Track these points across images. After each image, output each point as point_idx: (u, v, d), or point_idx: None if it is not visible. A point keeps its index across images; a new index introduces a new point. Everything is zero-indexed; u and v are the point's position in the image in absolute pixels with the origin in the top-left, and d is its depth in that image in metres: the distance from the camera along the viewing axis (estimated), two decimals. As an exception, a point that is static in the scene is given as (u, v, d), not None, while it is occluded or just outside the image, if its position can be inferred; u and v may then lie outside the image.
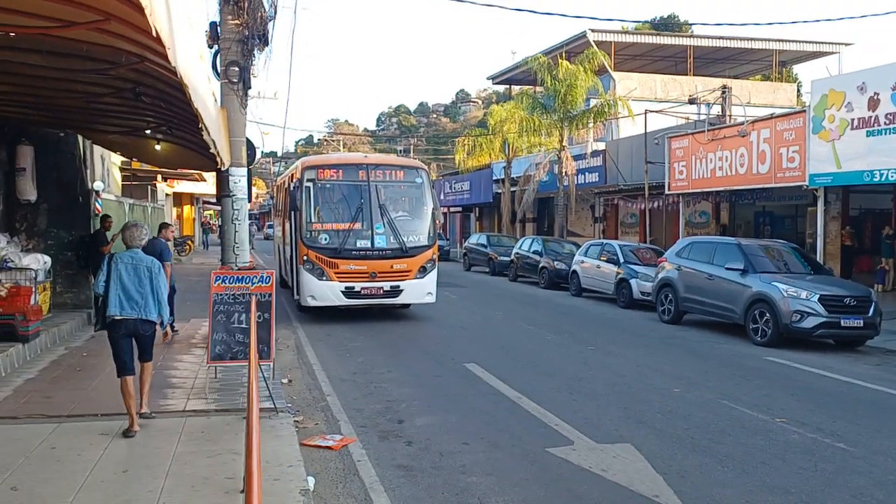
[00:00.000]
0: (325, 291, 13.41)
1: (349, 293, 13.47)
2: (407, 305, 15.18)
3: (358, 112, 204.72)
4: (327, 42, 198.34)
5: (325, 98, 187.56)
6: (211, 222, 52.02)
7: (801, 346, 12.01)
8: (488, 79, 45.24)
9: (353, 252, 13.47)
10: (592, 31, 32.22)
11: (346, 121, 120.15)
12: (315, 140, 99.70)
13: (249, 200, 10.46)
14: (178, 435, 6.22)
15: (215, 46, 10.28)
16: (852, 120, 15.38)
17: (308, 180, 13.71)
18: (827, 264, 17.28)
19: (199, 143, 8.93)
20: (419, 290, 14.02)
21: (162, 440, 6.08)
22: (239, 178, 9.85)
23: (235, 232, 9.84)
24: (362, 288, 13.51)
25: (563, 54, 30.42)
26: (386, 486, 5.53)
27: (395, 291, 13.78)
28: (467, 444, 6.57)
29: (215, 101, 8.00)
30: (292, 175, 15.87)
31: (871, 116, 14.92)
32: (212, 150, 7.61)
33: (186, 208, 38.51)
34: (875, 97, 14.82)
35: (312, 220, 13.64)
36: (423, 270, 14.01)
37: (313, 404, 7.91)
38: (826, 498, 5.45)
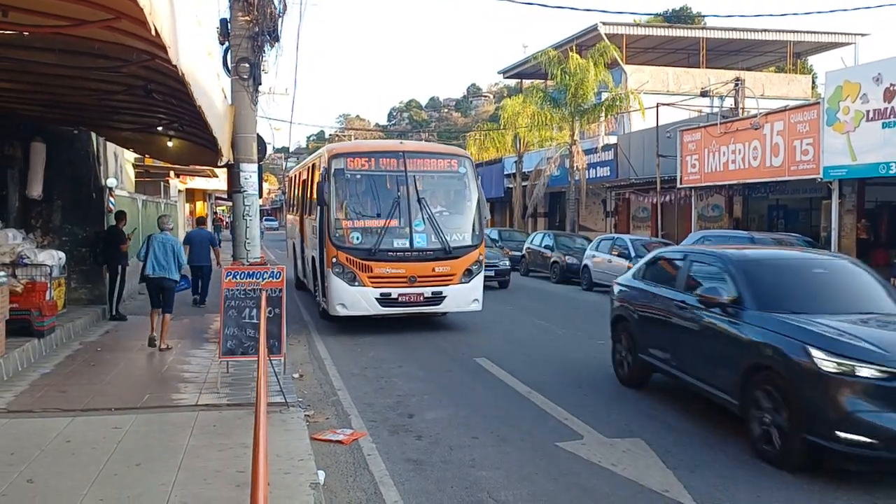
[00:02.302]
0: (357, 299, 11.64)
1: (385, 301, 11.73)
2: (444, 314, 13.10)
3: (369, 107, 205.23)
4: (338, 37, 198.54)
5: (336, 93, 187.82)
6: (222, 217, 52.25)
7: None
8: (499, 73, 45.18)
9: (390, 253, 11.73)
10: (604, 23, 32.09)
11: (358, 116, 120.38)
12: (326, 135, 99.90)
13: (260, 196, 10.50)
14: (190, 429, 6.28)
15: (226, 43, 10.32)
16: (868, 111, 15.24)
17: (336, 170, 11.91)
18: (841, 258, 17.14)
19: (210, 139, 8.98)
20: (464, 297, 12.26)
21: (174, 434, 6.14)
22: (250, 173, 9.89)
23: (247, 228, 9.88)
24: (400, 294, 11.74)
25: (575, 47, 30.31)
26: (395, 479, 5.57)
27: (437, 298, 12.02)
28: (477, 439, 6.59)
29: (224, 97, 8.04)
30: (312, 165, 14.64)
31: (887, 108, 14.79)
32: (219, 147, 7.65)
33: (199, 204, 38.73)
34: (891, 88, 14.69)
35: (342, 217, 11.90)
36: (469, 274, 12.25)
37: (324, 399, 7.95)
38: (835, 494, 5.42)
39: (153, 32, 3.29)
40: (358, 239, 11.76)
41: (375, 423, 7.07)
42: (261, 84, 10.83)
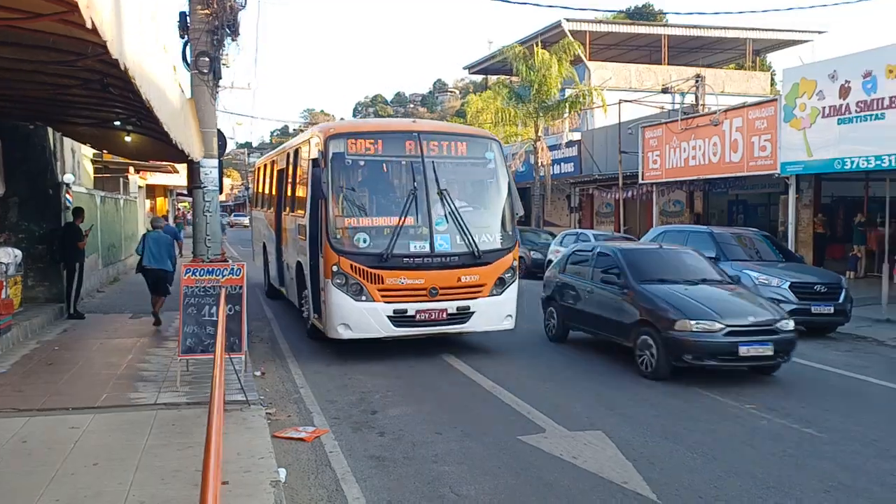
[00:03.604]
0: (364, 318, 9.26)
1: (400, 319, 9.37)
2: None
3: (334, 102, 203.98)
4: (303, 31, 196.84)
5: (300, 88, 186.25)
6: (184, 213, 51.47)
7: (771, 333, 12.19)
8: (465, 69, 45.20)
9: (406, 259, 9.38)
10: (567, 20, 32.29)
11: (322, 111, 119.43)
12: (290, 130, 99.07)
13: (221, 192, 10.38)
14: (148, 428, 6.19)
15: (186, 37, 10.17)
16: (823, 108, 15.57)
17: (334, 155, 9.47)
18: (799, 252, 17.54)
19: (167, 134, 8.85)
20: (495, 312, 9.91)
21: (133, 433, 6.05)
22: (210, 169, 9.78)
23: (207, 224, 9.76)
24: (418, 311, 9.40)
25: (539, 43, 30.46)
26: (357, 476, 5.55)
27: (464, 315, 9.70)
28: (440, 434, 6.61)
29: (182, 92, 7.93)
30: (295, 151, 12.12)
31: (842, 104, 15.12)
32: (174, 142, 7.54)
33: (160, 200, 38.14)
34: (846, 85, 15.01)
35: (344, 214, 9.51)
36: (501, 284, 9.92)
37: (286, 396, 7.90)
38: (793, 482, 5.55)
39: (89, 26, 3.22)
40: (365, 242, 9.37)
41: (338, 420, 7.04)
42: (221, 78, 10.71)
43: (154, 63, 5.04)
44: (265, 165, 16.64)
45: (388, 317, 9.32)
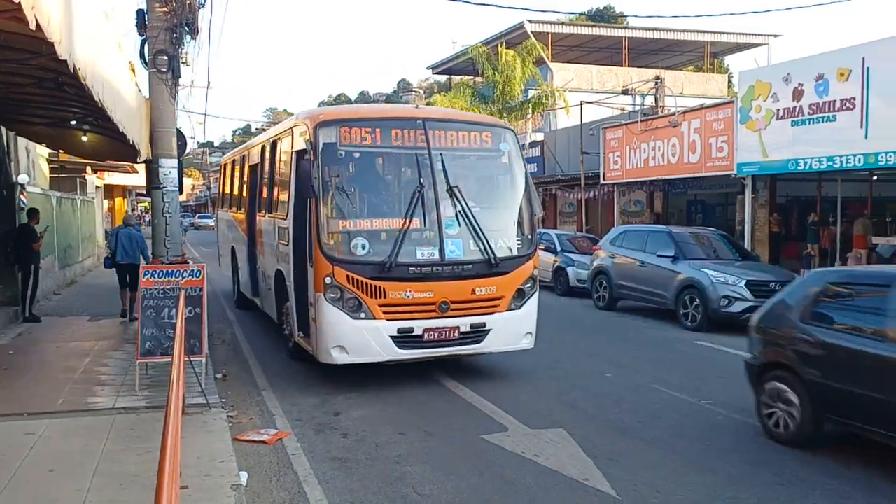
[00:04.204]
0: (363, 339, 7.85)
1: (405, 340, 7.99)
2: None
3: (298, 101, 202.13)
4: (266, 30, 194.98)
5: (263, 87, 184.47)
6: (145, 215, 50.59)
7: (729, 331, 12.39)
8: (429, 68, 45.16)
9: (412, 269, 7.99)
10: (530, 21, 32.49)
11: (286, 110, 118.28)
12: (253, 129, 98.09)
13: (181, 192, 10.25)
14: (106, 432, 6.10)
15: (144, 35, 10.02)
16: (778, 110, 15.90)
17: (325, 146, 8.08)
18: (755, 251, 17.92)
19: (125, 135, 8.72)
20: (513, 330, 8.59)
21: (90, 438, 5.95)
22: (169, 169, 9.64)
23: (167, 225, 9.63)
24: (426, 330, 8.01)
25: (503, 44, 30.61)
26: (320, 478, 5.54)
27: (478, 333, 8.32)
28: (403, 435, 6.62)
29: (139, 91, 7.82)
30: (273, 142, 10.66)
31: (795, 107, 15.46)
32: (132, 142, 7.43)
33: (118, 200, 37.46)
34: (799, 88, 15.35)
35: (338, 216, 8.08)
36: (521, 296, 8.61)
37: (248, 399, 7.84)
38: (749, 476, 5.69)
39: (32, 26, 3.17)
40: (364, 248, 7.97)
41: (300, 422, 7.01)
42: (181, 77, 10.57)
43: (109, 62, 4.97)
44: (234, 161, 15.03)
45: (392, 337, 7.91)
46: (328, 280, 7.81)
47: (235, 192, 14.52)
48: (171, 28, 9.75)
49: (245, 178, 13.17)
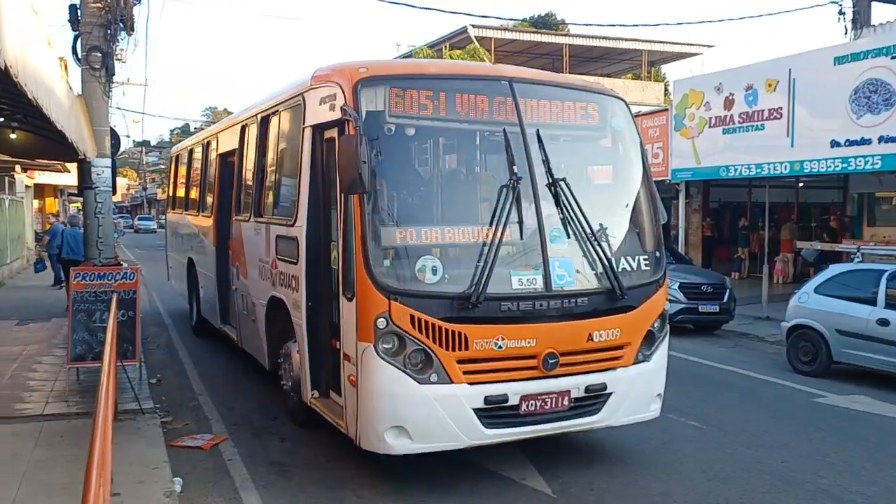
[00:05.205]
0: (434, 413, 5.21)
1: (495, 413, 5.38)
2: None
3: (238, 101, 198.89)
4: (205, 28, 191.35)
5: (202, 85, 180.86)
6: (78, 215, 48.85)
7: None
8: (371, 70, 44.93)
9: (506, 304, 5.38)
10: (473, 26, 32.73)
11: (226, 109, 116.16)
12: (192, 128, 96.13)
13: (114, 193, 9.98)
14: (35, 440, 5.92)
15: (77, 31, 9.74)
16: (710, 118, 16.41)
17: (371, 116, 5.41)
18: (689, 254, 18.48)
19: (58, 132, 8.47)
20: (640, 392, 5.99)
21: (18, 446, 5.77)
22: (102, 168, 9.37)
23: (99, 226, 9.36)
24: (525, 397, 5.42)
25: (448, 47, 30.76)
26: (257, 483, 5.49)
27: (595, 399, 5.74)
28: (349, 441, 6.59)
29: (70, 88, 7.61)
30: (268, 116, 7.77)
31: (727, 115, 15.98)
32: (69, 140, 7.23)
33: (49, 200, 36.20)
34: (730, 97, 15.87)
35: (395, 223, 5.43)
36: (650, 341, 6.03)
37: (184, 404, 7.69)
38: (678, 472, 5.88)
39: None
40: (436, 273, 5.26)
41: (238, 426, 6.92)
42: (115, 74, 10.32)
43: (40, 59, 4.83)
44: (191, 151, 12.28)
45: (476, 410, 5.25)
46: (382, 323, 5.08)
47: (195, 188, 11.60)
48: (105, 24, 9.51)
49: (213, 171, 10.23)
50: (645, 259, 6.10)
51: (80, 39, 9.57)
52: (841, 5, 17.90)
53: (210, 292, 10.04)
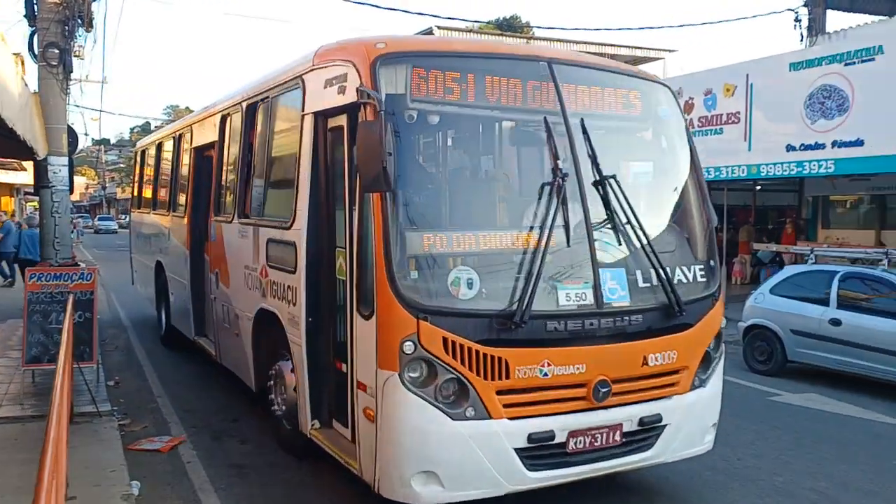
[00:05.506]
0: (470, 455, 4.38)
1: (539, 453, 4.59)
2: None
3: (200, 100, 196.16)
4: (166, 25, 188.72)
5: (163, 83, 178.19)
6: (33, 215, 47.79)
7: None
8: (336, 70, 44.74)
9: (552, 323, 4.58)
10: (439, 28, 32.78)
11: (187, 108, 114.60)
12: (152, 126, 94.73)
13: (71, 192, 9.80)
14: (-14, 445, 5.79)
15: (34, 27, 9.55)
16: (671, 122, 16.69)
17: (391, 100, 4.52)
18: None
19: (10, 130, 8.30)
20: (696, 422, 5.27)
21: (-32, 451, 5.64)
22: (59, 167, 9.20)
23: (56, 226, 9.19)
24: (573, 433, 4.65)
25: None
26: (216, 485, 5.45)
27: (648, 432, 4.99)
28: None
29: (26, 85, 7.47)
30: (259, 100, 6.84)
31: (686, 119, 16.28)
32: (23, 139, 7.09)
33: (4, 199, 35.36)
34: (690, 101, 16.15)
35: (426, 226, 4.54)
36: (706, 364, 5.32)
37: (142, 406, 7.58)
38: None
39: None
40: (472, 287, 4.47)
41: (197, 429, 6.84)
42: (72, 71, 10.13)
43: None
44: (160, 145, 11.43)
45: (518, 450, 4.49)
46: (409, 347, 4.27)
47: (165, 186, 10.79)
48: (63, 20, 9.34)
49: (187, 166, 9.37)
50: (700, 269, 5.35)
51: (36, 35, 9.39)
52: (797, 13, 18.33)
53: (182, 300, 9.19)
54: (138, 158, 13.52)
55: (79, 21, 9.76)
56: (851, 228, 17.18)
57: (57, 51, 9.25)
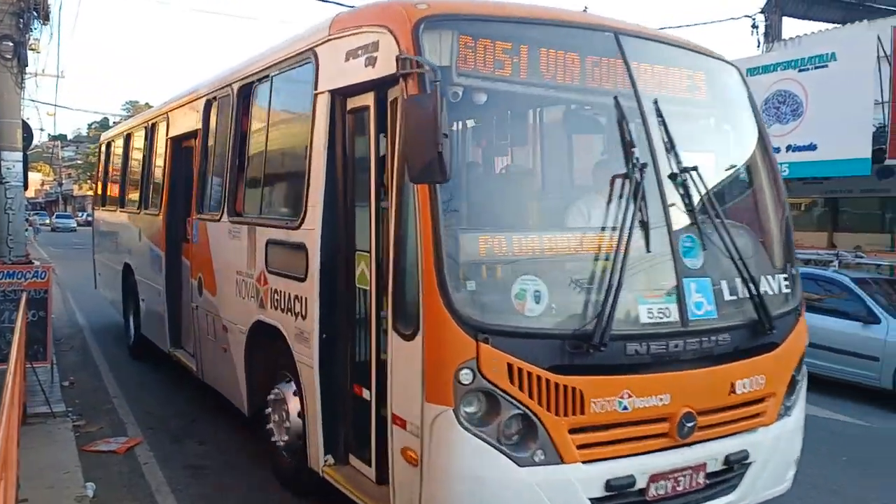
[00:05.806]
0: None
1: (616, 501, 3.71)
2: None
3: (160, 95, 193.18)
4: (127, 20, 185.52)
5: (123, 78, 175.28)
6: None
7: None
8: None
9: (632, 345, 3.71)
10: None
11: (147, 103, 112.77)
12: (111, 122, 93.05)
13: (26, 188, 9.60)
14: (-66, 447, 5.65)
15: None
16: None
17: (439, 71, 3.48)
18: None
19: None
20: (781, 457, 4.39)
21: (-86, 454, 5.49)
22: (13, 163, 9.03)
23: (9, 223, 9.01)
24: (654, 477, 3.79)
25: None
26: (174, 486, 5.38)
27: (735, 471, 4.15)
28: (264, 440, 6.52)
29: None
30: (258, 78, 5.86)
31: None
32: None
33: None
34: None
35: (483, 225, 3.75)
36: (791, 388, 4.45)
37: (98, 407, 7.44)
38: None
39: None
40: (539, 301, 3.57)
41: (154, 430, 6.74)
42: (27, 65, 9.95)
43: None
44: (129, 137, 10.26)
45: (594, 500, 3.69)
46: (467, 376, 3.43)
47: (135, 181, 9.65)
48: (17, 13, 9.17)
49: (162, 159, 8.29)
50: (785, 278, 4.53)
51: (-11, 28, 9.20)
52: (754, 19, 18.74)
53: (156, 307, 8.21)
54: (103, 151, 12.26)
55: (34, 13, 9.60)
56: (805, 231, 17.60)
57: (11, 44, 9.10)
